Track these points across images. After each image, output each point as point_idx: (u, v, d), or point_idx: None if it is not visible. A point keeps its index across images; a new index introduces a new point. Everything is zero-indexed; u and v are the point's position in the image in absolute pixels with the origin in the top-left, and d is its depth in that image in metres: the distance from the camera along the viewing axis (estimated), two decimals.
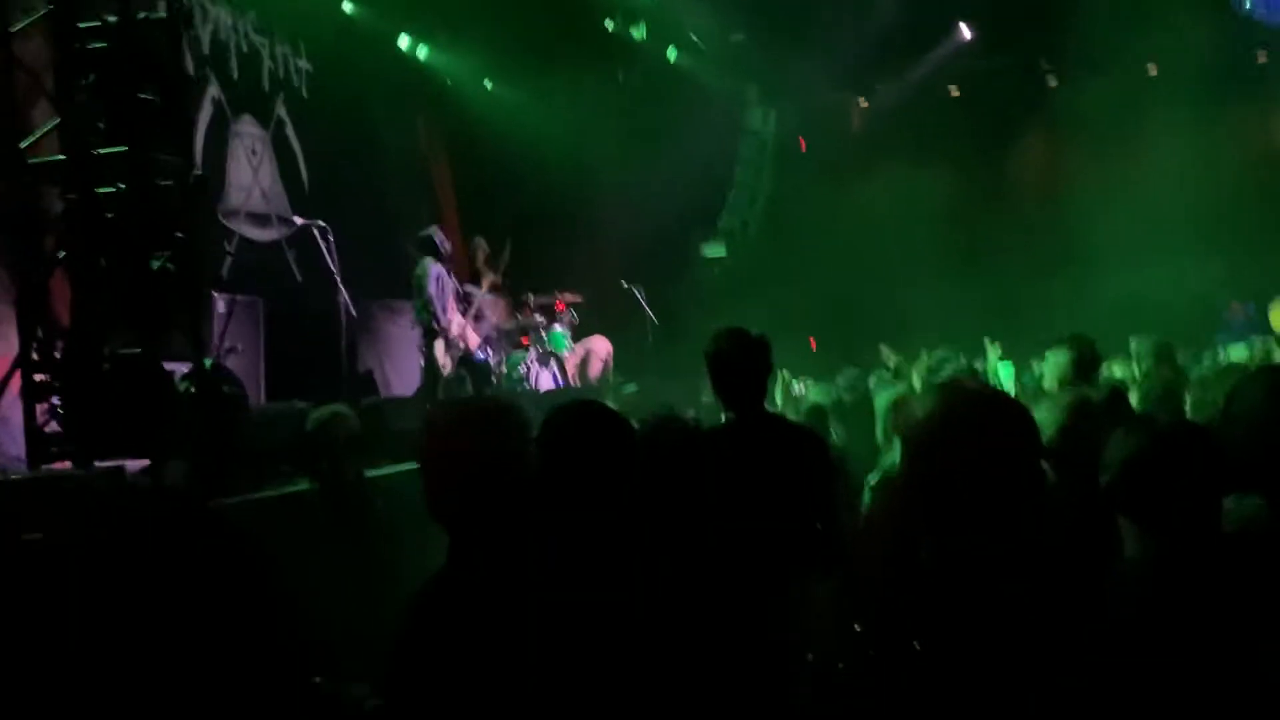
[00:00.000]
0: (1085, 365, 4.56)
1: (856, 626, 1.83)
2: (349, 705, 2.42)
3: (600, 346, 11.20)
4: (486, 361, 9.75)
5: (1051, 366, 4.79)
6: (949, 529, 1.83)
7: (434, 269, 9.22)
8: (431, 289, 9.15)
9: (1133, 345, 6.40)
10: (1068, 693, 1.69)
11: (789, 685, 2.02)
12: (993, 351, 7.01)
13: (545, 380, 10.37)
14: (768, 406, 3.90)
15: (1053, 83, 15.57)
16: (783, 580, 2.83)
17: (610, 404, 7.59)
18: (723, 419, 3.68)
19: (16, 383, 5.33)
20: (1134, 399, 4.56)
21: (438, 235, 9.49)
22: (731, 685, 2.16)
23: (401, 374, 10.93)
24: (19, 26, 5.54)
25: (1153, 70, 14.29)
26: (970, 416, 1.86)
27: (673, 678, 2.01)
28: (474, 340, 9.57)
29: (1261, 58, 14.34)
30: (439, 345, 9.18)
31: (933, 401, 1.93)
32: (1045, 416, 3.21)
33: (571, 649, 1.94)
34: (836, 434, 5.33)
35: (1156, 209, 12.85)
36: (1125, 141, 14.39)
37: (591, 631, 1.96)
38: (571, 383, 10.73)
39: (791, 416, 5.28)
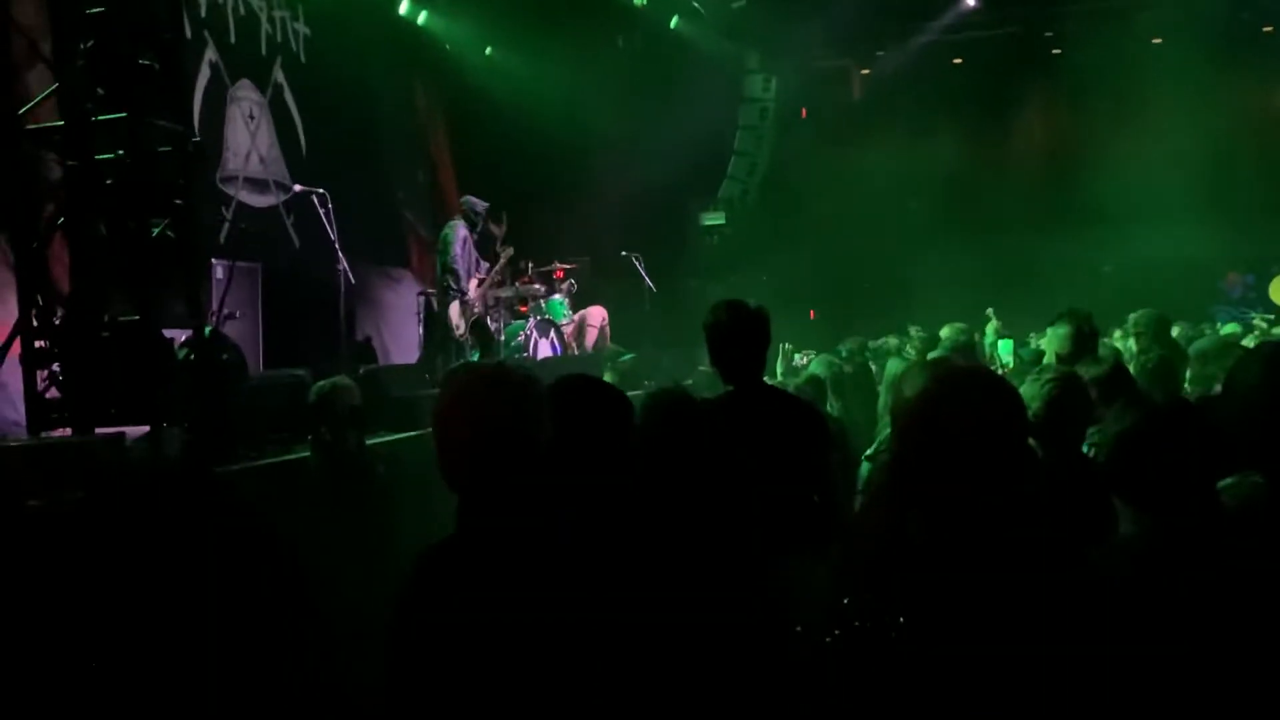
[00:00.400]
0: (1084, 339, 4.61)
1: (844, 599, 1.85)
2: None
3: (595, 315, 11.21)
4: (497, 328, 9.81)
5: (1052, 340, 4.84)
6: (936, 505, 1.85)
7: (461, 231, 9.36)
8: (457, 249, 9.26)
9: (1130, 319, 6.43)
10: (1059, 668, 1.72)
11: (779, 656, 2.04)
12: (990, 327, 7.05)
13: (544, 349, 10.38)
14: (768, 378, 3.92)
15: (1055, 51, 15.50)
16: (777, 552, 2.85)
17: (608, 374, 7.61)
18: (720, 390, 3.70)
19: (16, 349, 5.34)
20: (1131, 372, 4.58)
21: (476, 203, 9.58)
22: (725, 656, 2.19)
23: (399, 341, 10.94)
24: None
25: (1157, 40, 14.22)
26: (957, 394, 1.87)
27: (668, 651, 2.04)
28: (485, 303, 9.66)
29: (1267, 28, 14.28)
30: (454, 308, 9.24)
31: (921, 379, 1.95)
32: (1029, 391, 3.25)
33: (574, 618, 1.96)
34: (833, 406, 5.36)
35: (1157, 178, 12.84)
36: (1127, 110, 14.37)
37: (594, 602, 1.98)
38: (570, 351, 10.75)
39: (791, 388, 5.30)
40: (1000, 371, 6.91)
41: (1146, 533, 2.00)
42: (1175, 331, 6.94)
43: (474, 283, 9.48)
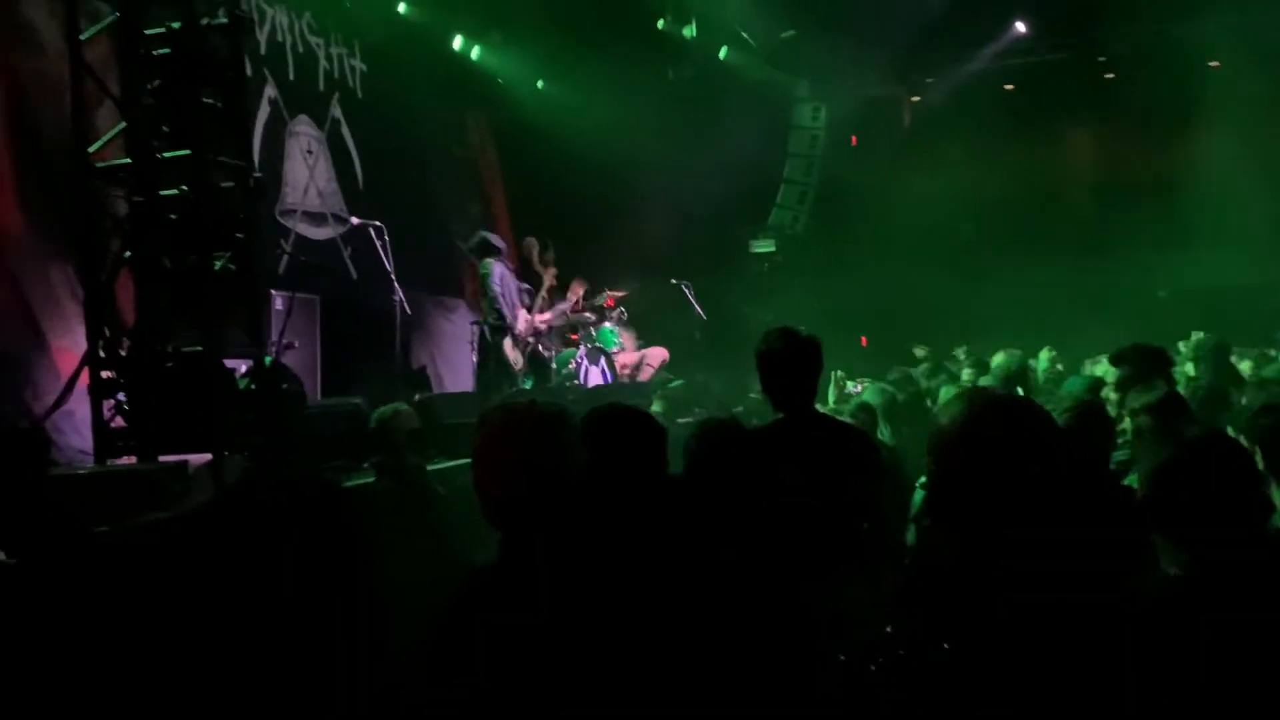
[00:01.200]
0: (1140, 377, 4.60)
1: (888, 628, 1.86)
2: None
3: (655, 356, 11.22)
4: (551, 356, 9.95)
5: (1109, 375, 4.85)
6: (973, 531, 1.86)
7: (496, 268, 9.60)
8: (496, 287, 9.49)
9: (1185, 344, 6.34)
10: (1099, 696, 1.71)
11: (821, 684, 2.05)
12: (1045, 354, 7.01)
13: (594, 376, 10.44)
14: (819, 406, 3.92)
15: (1108, 75, 15.36)
16: (826, 579, 2.86)
17: (656, 401, 7.63)
18: (770, 418, 3.71)
19: (84, 379, 5.49)
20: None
21: (492, 237, 9.89)
22: (766, 682, 2.20)
23: (454, 369, 11.06)
24: (88, 34, 5.69)
25: (1213, 63, 14.04)
26: (993, 420, 1.89)
27: (707, 675, 2.05)
28: (536, 328, 9.81)
29: None
30: (507, 344, 9.42)
31: (958, 407, 1.97)
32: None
33: (610, 649, 1.99)
34: (884, 433, 5.34)
35: (1214, 203, 12.66)
36: (1182, 134, 14.17)
37: (630, 630, 2.01)
38: (621, 379, 10.80)
39: (844, 415, 5.30)
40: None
41: (1185, 569, 1.98)
42: (1246, 366, 6.85)
43: (521, 314, 9.63)
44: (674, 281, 11.39)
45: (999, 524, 1.82)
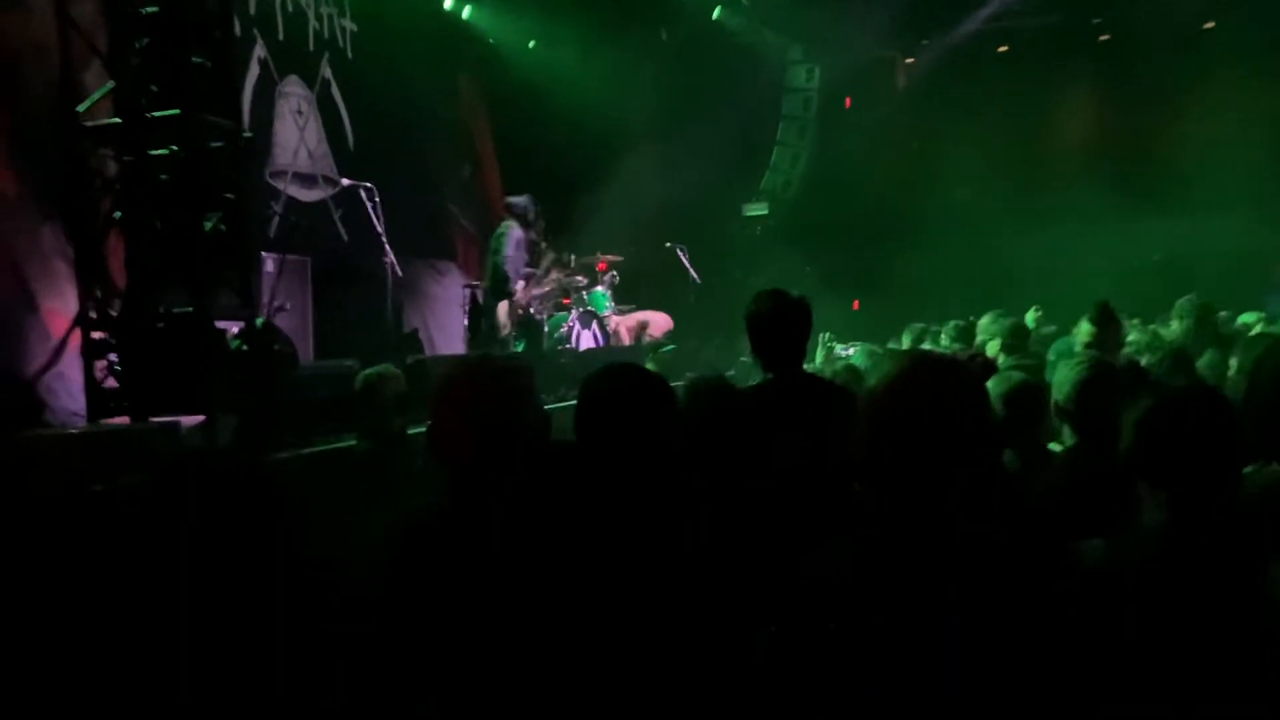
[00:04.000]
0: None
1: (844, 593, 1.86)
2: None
3: (660, 324, 11.17)
4: (542, 322, 9.92)
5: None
6: (899, 493, 1.86)
7: (515, 233, 9.53)
8: (510, 251, 9.43)
9: (1176, 305, 6.40)
10: (1068, 657, 1.74)
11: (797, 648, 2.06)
12: (1030, 316, 7.07)
13: (586, 340, 10.45)
14: (808, 368, 3.94)
15: (1103, 37, 15.29)
16: (812, 542, 2.88)
17: (648, 365, 7.66)
18: (760, 379, 3.73)
19: (76, 340, 5.49)
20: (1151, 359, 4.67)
21: (517, 202, 9.72)
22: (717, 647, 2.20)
23: (445, 333, 11.06)
24: None
25: (1208, 24, 13.99)
26: (913, 381, 1.88)
27: (662, 626, 2.06)
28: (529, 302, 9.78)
29: None
30: (502, 307, 9.37)
31: (885, 369, 1.96)
32: (1063, 375, 3.27)
33: (553, 597, 2.00)
34: None
35: (1207, 166, 12.65)
36: (1177, 97, 14.15)
37: (575, 579, 2.02)
38: (613, 343, 10.80)
39: (828, 375, 5.31)
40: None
41: (1168, 517, 2.01)
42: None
43: (521, 284, 9.59)
44: (668, 245, 11.37)
45: (923, 489, 1.82)
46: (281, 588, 1.90)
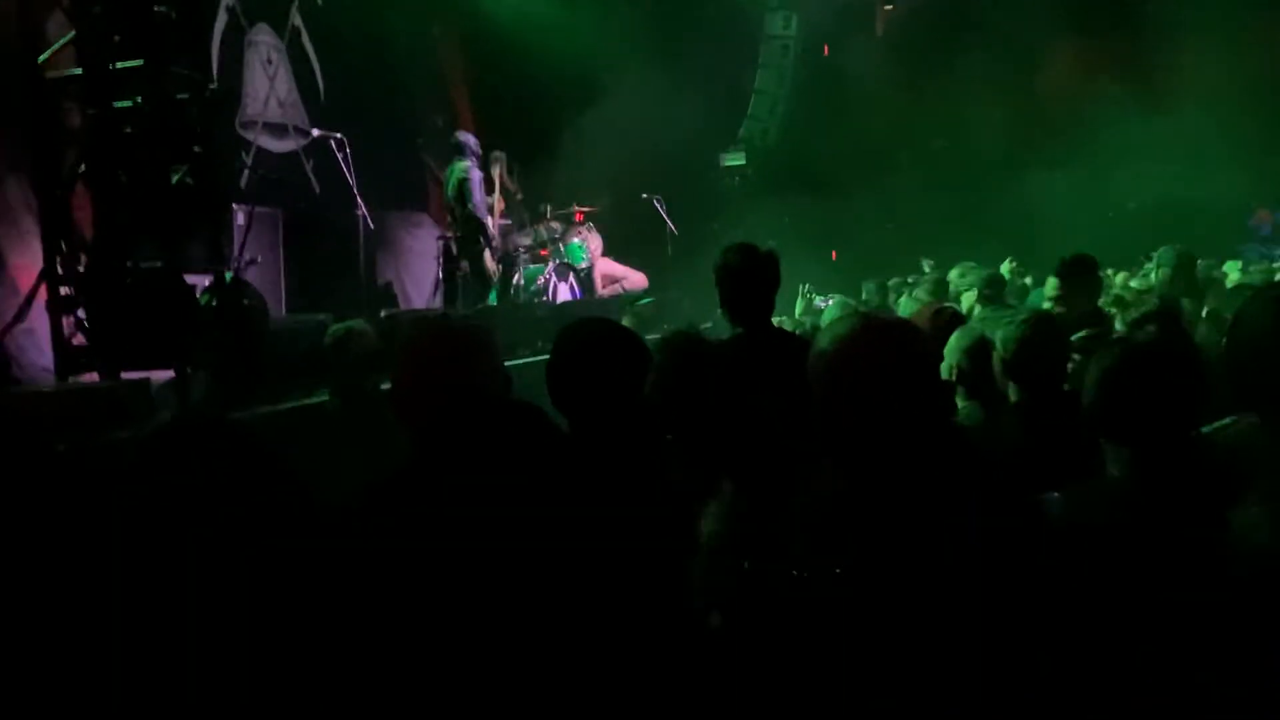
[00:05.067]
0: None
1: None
2: None
3: (638, 281, 11.14)
4: (518, 272, 9.88)
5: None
6: (849, 452, 1.87)
7: (475, 173, 9.28)
8: (476, 196, 9.21)
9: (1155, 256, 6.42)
10: (1030, 616, 1.75)
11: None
12: (1005, 267, 7.09)
13: (563, 292, 10.42)
14: (788, 320, 3.94)
15: None
16: (784, 495, 2.90)
17: (626, 318, 7.63)
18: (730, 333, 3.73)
19: (43, 295, 5.43)
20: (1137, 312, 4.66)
21: (468, 138, 9.49)
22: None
23: (419, 286, 10.99)
24: None
25: None
26: (861, 342, 1.87)
27: (624, 584, 2.06)
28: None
29: None
30: (488, 256, 9.29)
31: (837, 330, 1.94)
32: (1005, 334, 3.31)
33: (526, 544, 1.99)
34: None
35: (1186, 115, 12.63)
36: (1155, 46, 14.10)
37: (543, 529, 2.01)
38: (600, 294, 10.77)
39: (805, 329, 5.31)
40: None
41: (1128, 471, 2.02)
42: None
43: (490, 223, 9.51)
44: (645, 196, 11.30)
45: (873, 451, 1.83)
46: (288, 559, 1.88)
